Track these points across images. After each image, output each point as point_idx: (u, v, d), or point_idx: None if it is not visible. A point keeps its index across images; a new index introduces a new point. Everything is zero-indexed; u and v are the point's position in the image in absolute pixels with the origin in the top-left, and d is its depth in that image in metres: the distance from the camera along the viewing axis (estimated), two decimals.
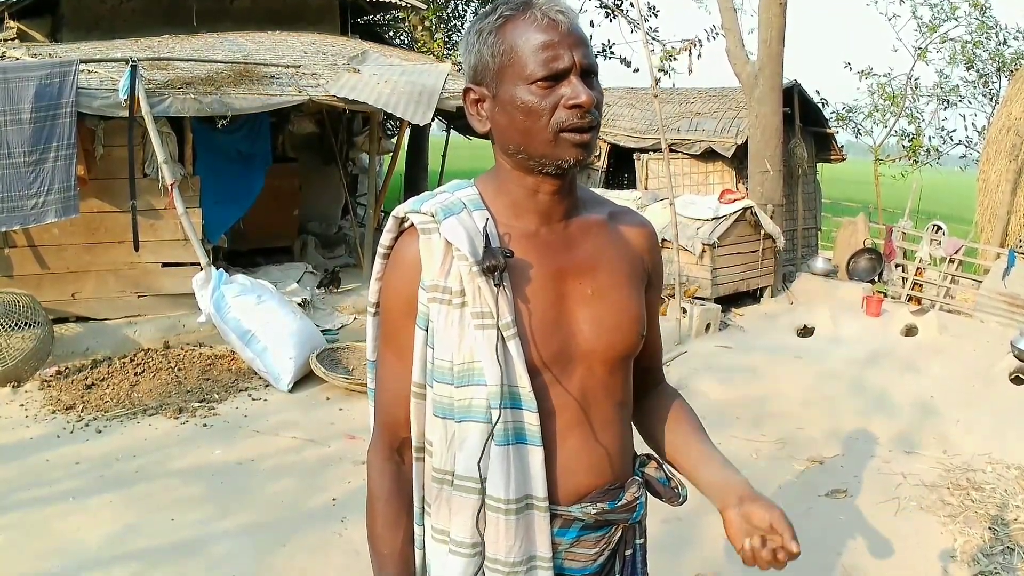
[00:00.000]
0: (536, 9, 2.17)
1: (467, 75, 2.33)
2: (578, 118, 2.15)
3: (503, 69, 2.19)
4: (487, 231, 2.23)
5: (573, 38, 2.16)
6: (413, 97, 12.50)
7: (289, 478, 7.65)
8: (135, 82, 10.34)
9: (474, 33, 2.27)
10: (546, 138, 2.17)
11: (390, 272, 2.36)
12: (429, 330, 2.27)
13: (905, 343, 13.06)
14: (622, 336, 2.37)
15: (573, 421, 2.32)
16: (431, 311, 2.25)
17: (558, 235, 2.35)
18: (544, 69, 2.13)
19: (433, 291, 2.24)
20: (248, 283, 10.48)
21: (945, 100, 26.88)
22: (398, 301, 2.33)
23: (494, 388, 2.18)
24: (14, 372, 9.62)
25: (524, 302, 2.26)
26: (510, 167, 2.31)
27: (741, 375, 10.84)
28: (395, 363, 2.38)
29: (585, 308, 2.33)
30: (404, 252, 2.31)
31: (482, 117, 2.30)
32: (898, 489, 7.90)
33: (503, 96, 2.20)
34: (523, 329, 2.24)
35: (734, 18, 15.81)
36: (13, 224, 10.17)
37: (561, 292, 2.32)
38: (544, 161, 2.21)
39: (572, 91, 2.13)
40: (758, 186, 15.49)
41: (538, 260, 2.30)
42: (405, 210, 2.35)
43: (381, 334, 2.45)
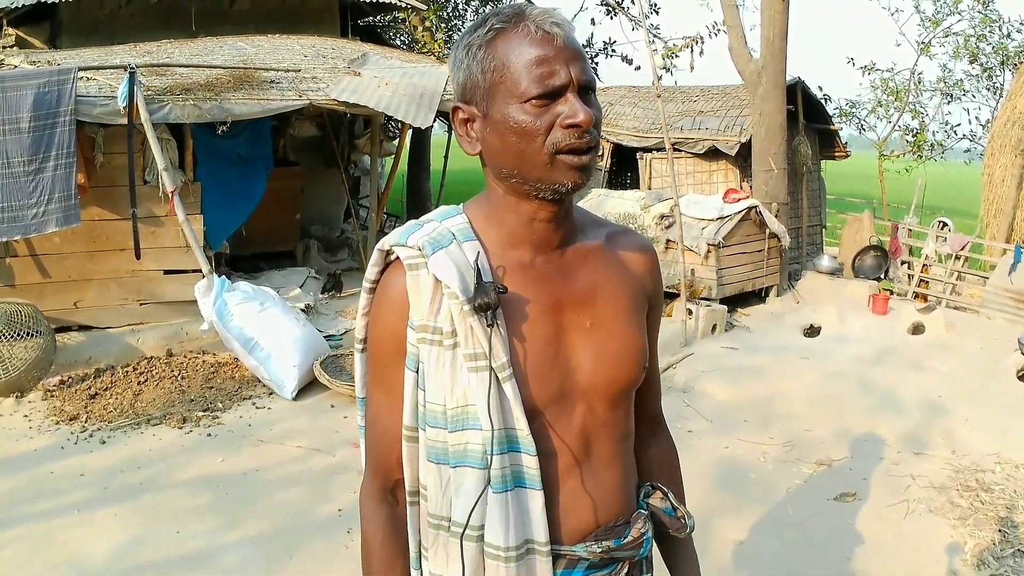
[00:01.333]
0: (529, 21, 2.04)
1: (456, 93, 2.19)
2: (576, 138, 2.01)
3: (494, 86, 2.06)
4: (479, 265, 2.11)
5: (569, 52, 2.03)
6: (414, 99, 12.45)
7: (295, 488, 7.60)
8: (134, 89, 10.29)
9: (463, 48, 2.13)
10: (542, 161, 2.03)
11: (377, 309, 2.24)
12: (420, 372, 2.15)
13: (912, 341, 13.00)
14: (624, 369, 2.26)
15: (574, 461, 2.22)
16: (421, 352, 2.14)
17: (554, 265, 2.23)
18: (539, 86, 2.00)
19: (422, 331, 2.12)
20: (251, 290, 10.44)
21: (949, 94, 26.78)
22: (386, 339, 2.21)
23: (490, 433, 2.06)
24: (17, 382, 9.59)
25: (520, 340, 2.14)
26: (503, 192, 2.18)
27: (748, 376, 10.78)
28: (385, 403, 2.26)
29: (584, 342, 2.22)
30: (390, 289, 2.19)
31: (472, 138, 2.16)
32: (907, 491, 7.84)
33: (495, 115, 2.07)
34: (519, 369, 2.12)
35: (736, 15, 15.74)
36: (14, 234, 10.11)
37: (559, 326, 2.20)
38: (540, 185, 2.08)
39: (569, 109, 2.00)
40: (762, 184, 15.42)
41: (534, 293, 2.18)
42: (390, 243, 2.22)
43: (369, 372, 2.32)
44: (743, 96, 17.07)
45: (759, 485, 7.89)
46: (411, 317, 2.14)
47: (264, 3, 16.08)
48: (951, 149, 27.03)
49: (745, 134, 16.44)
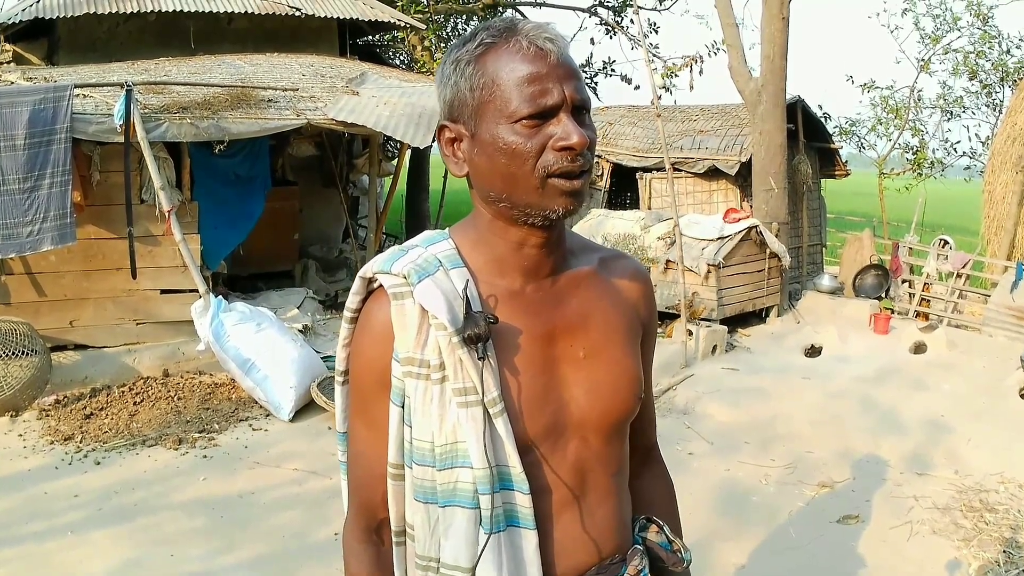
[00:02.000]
0: (521, 36, 1.93)
1: (442, 111, 2.08)
2: (568, 162, 1.92)
3: (483, 105, 1.95)
4: (467, 294, 2.00)
5: (563, 70, 1.93)
6: (413, 119, 12.38)
7: (292, 511, 7.52)
8: (130, 107, 10.25)
9: (450, 63, 2.02)
10: (532, 184, 1.93)
11: (359, 340, 2.12)
12: (405, 407, 2.04)
13: (914, 360, 12.95)
14: (619, 401, 2.15)
15: (568, 497, 2.11)
16: (407, 386, 2.02)
17: (546, 292, 2.13)
18: (530, 105, 1.89)
19: (408, 364, 2.00)
20: (247, 311, 10.38)
21: (948, 112, 26.80)
22: (369, 372, 2.09)
23: (481, 471, 1.96)
24: (12, 401, 9.54)
25: (511, 372, 2.03)
26: (491, 216, 2.07)
27: (749, 397, 10.71)
28: (369, 439, 2.15)
29: (578, 372, 2.11)
30: (373, 319, 2.07)
31: (459, 159, 2.05)
32: (910, 513, 7.76)
33: (483, 136, 1.96)
34: (511, 403, 2.02)
35: (736, 34, 15.70)
36: (9, 252, 10.07)
37: (551, 356, 2.10)
38: (530, 211, 1.98)
39: (562, 131, 1.90)
40: (763, 204, 15.37)
41: (525, 322, 2.07)
42: (373, 270, 2.09)
43: (351, 406, 2.21)
44: (743, 115, 17.07)
45: (761, 508, 7.83)
46: (396, 349, 2.03)
47: (262, 22, 16.04)
48: (951, 166, 27.08)
49: (745, 153, 16.43)
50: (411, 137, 12.19)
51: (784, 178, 15.48)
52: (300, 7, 15.98)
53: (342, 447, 2.31)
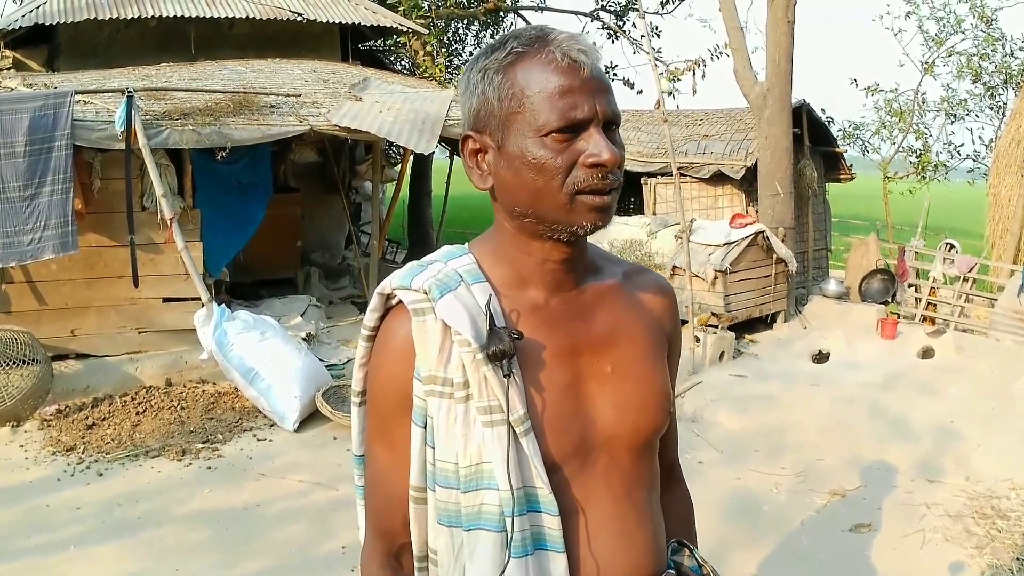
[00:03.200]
0: (554, 47, 1.86)
1: (466, 120, 2.02)
2: (599, 179, 1.86)
3: (511, 116, 1.89)
4: (491, 309, 1.94)
5: (596, 83, 1.87)
6: (416, 125, 12.30)
7: (297, 524, 7.45)
8: (131, 113, 10.17)
9: (478, 71, 1.95)
10: (560, 201, 1.87)
11: (378, 359, 2.03)
12: (428, 427, 1.95)
13: (922, 365, 12.91)
14: (648, 416, 2.07)
15: (599, 519, 2.01)
16: (429, 406, 1.94)
17: (570, 306, 2.06)
18: (561, 119, 1.83)
19: (431, 383, 1.93)
20: (251, 319, 10.31)
21: (952, 114, 26.74)
22: (389, 393, 2.01)
23: (507, 493, 1.88)
24: (13, 411, 9.48)
25: (537, 389, 1.96)
26: (513, 231, 2.01)
27: (757, 404, 10.65)
28: (388, 461, 2.06)
29: (605, 388, 2.04)
30: (393, 337, 2.00)
31: (483, 172, 1.99)
32: (922, 520, 7.71)
33: (510, 148, 1.90)
34: (537, 421, 1.94)
35: (741, 38, 15.63)
36: (9, 261, 10.00)
37: (577, 373, 2.02)
38: (556, 227, 1.92)
39: (593, 147, 1.85)
40: (769, 209, 15.31)
41: (550, 337, 2.00)
42: (392, 286, 2.03)
43: (369, 427, 2.11)
44: (748, 119, 17.00)
45: (772, 517, 7.77)
46: (417, 367, 1.95)
47: (264, 27, 15.97)
48: (954, 169, 27.00)
49: (751, 158, 16.33)
50: (415, 143, 12.11)
51: (790, 183, 15.45)
52: (302, 12, 15.93)
53: (358, 471, 2.23)
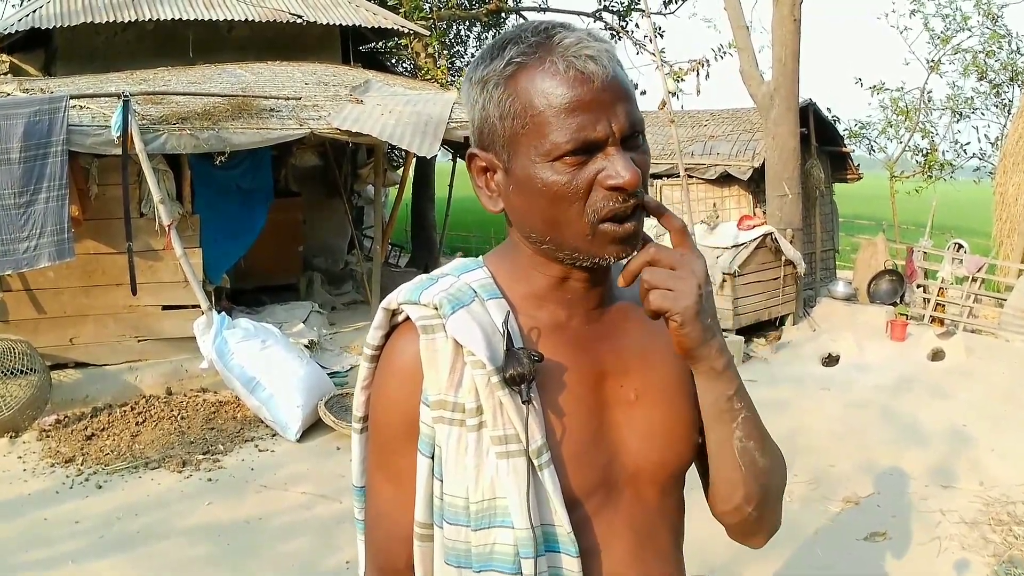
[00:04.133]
0: (557, 56, 1.65)
1: (471, 134, 1.83)
2: (619, 202, 1.66)
3: (516, 137, 1.69)
4: (508, 327, 1.74)
5: (610, 94, 1.65)
6: (419, 128, 12.17)
7: (300, 537, 7.34)
8: (128, 118, 10.04)
9: (476, 83, 1.76)
10: (580, 230, 1.69)
11: (382, 381, 1.83)
12: (436, 458, 1.76)
13: (932, 368, 12.92)
14: (676, 448, 1.89)
15: (622, 558, 1.84)
16: (437, 434, 1.75)
17: (594, 325, 1.88)
18: (572, 140, 1.63)
19: (440, 408, 1.73)
20: (252, 327, 10.22)
21: (958, 113, 26.64)
22: (393, 419, 1.81)
23: (524, 532, 1.69)
24: (11, 422, 9.41)
25: (557, 417, 1.77)
26: (531, 251, 1.82)
27: (767, 410, 10.29)
28: (392, 495, 1.85)
29: (629, 417, 1.85)
30: (399, 356, 1.80)
31: (492, 193, 1.81)
32: (938, 528, 7.61)
33: (518, 172, 1.71)
34: (557, 453, 1.76)
35: (747, 37, 15.58)
36: (5, 269, 9.93)
37: (601, 398, 1.84)
38: (577, 255, 1.73)
39: (611, 168, 1.64)
40: (776, 210, 15.27)
41: (572, 360, 1.81)
42: (398, 301, 1.83)
43: (371, 456, 1.90)
44: (754, 119, 16.97)
45: (785, 526, 7.44)
46: (425, 391, 1.75)
47: (263, 30, 15.87)
48: (961, 168, 26.91)
49: (758, 158, 16.30)
50: (417, 146, 11.98)
51: (798, 183, 15.41)
52: (302, 15, 15.81)
53: (359, 503, 2.02)
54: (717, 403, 1.78)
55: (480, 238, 26.90)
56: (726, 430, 1.80)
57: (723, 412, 1.79)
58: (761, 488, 1.88)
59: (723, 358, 1.74)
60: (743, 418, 1.80)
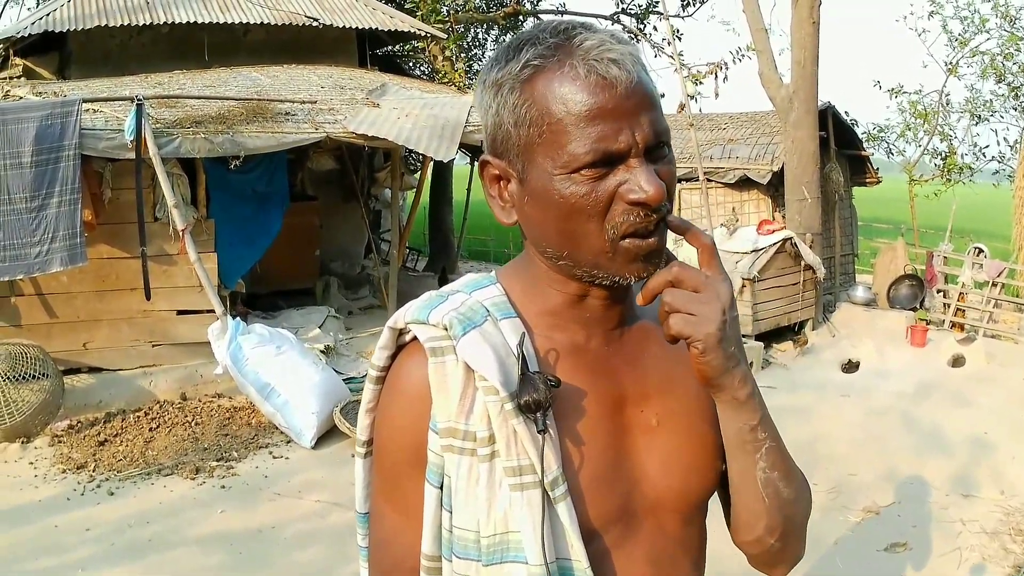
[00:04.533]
0: (577, 59, 1.53)
1: (484, 140, 1.72)
2: (641, 217, 1.54)
3: (532, 146, 1.58)
4: (523, 350, 1.62)
5: (634, 102, 1.53)
6: (436, 131, 12.08)
7: (314, 547, 7.27)
8: (141, 122, 9.99)
9: (491, 86, 1.65)
10: (599, 247, 1.58)
11: (387, 406, 1.72)
12: (445, 488, 1.64)
13: (953, 374, 12.88)
14: (699, 476, 1.78)
15: None
16: (447, 463, 1.63)
17: (614, 347, 1.76)
18: (591, 152, 1.51)
19: (449, 436, 1.62)
20: (267, 333, 10.15)
21: (977, 115, 26.51)
22: (400, 446, 1.69)
23: (538, 569, 1.57)
24: (23, 427, 9.35)
25: (575, 445, 1.66)
26: (547, 267, 1.70)
27: (787, 417, 10.39)
28: (398, 525, 1.73)
29: (650, 444, 1.74)
30: (406, 380, 1.68)
31: (506, 204, 1.70)
32: (959, 538, 7.57)
33: (534, 183, 1.60)
34: (574, 483, 1.64)
35: (766, 39, 15.53)
36: (16, 273, 9.89)
37: (621, 425, 1.72)
38: (596, 273, 1.61)
39: (633, 181, 1.53)
40: (796, 214, 15.22)
41: (591, 384, 1.69)
42: (405, 319, 1.71)
43: (376, 484, 1.78)
44: (773, 123, 16.90)
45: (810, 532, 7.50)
46: (434, 417, 1.63)
47: (279, 33, 15.80)
48: (979, 171, 26.79)
49: (777, 162, 16.26)
50: (434, 150, 11.87)
51: (817, 187, 15.33)
52: (318, 18, 15.74)
53: (362, 530, 1.89)
54: (740, 433, 1.67)
55: (498, 242, 26.85)
56: (749, 460, 1.69)
57: (746, 443, 1.68)
58: (784, 519, 1.75)
59: (746, 387, 1.63)
60: (767, 448, 1.68)
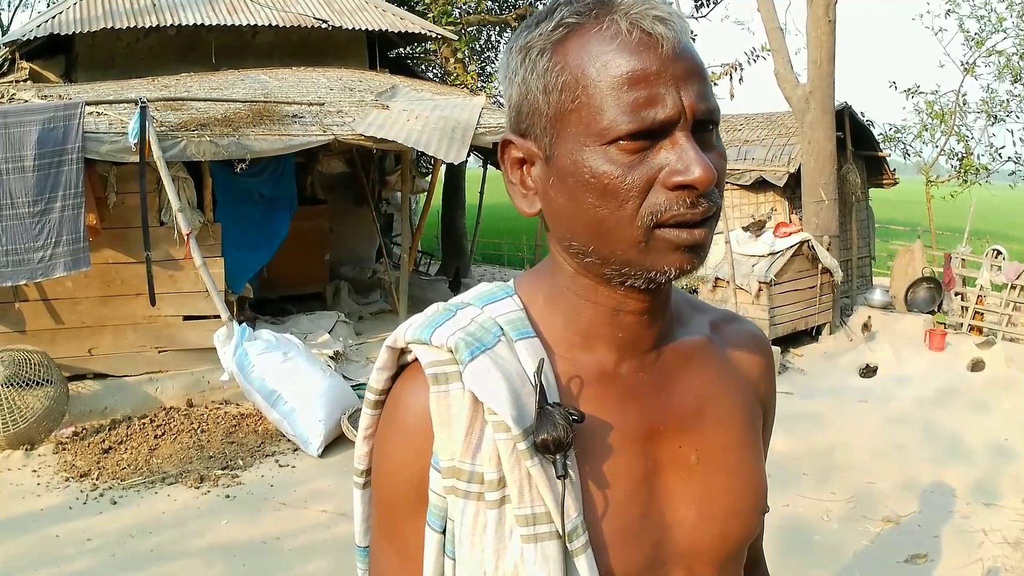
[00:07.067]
0: (619, 14, 1.31)
1: (507, 116, 1.47)
2: (686, 206, 1.30)
3: (564, 115, 1.33)
4: (540, 379, 1.36)
5: (682, 66, 1.30)
6: (446, 133, 11.95)
7: (319, 559, 7.10)
8: (145, 125, 9.87)
9: (518, 51, 1.41)
10: (633, 236, 1.32)
11: (385, 437, 1.49)
12: (448, 532, 1.41)
13: (972, 379, 12.73)
14: (740, 520, 1.53)
15: None
16: (450, 506, 1.39)
17: (648, 373, 1.49)
18: (632, 119, 1.27)
19: (453, 476, 1.38)
20: (273, 339, 10.04)
21: (993, 116, 26.37)
22: (398, 483, 1.46)
23: None
24: (27, 434, 9.28)
25: (599, 487, 1.41)
26: (573, 270, 1.45)
27: (805, 424, 10.36)
28: (397, 567, 1.50)
29: (687, 484, 1.49)
30: (404, 410, 1.44)
31: (528, 191, 1.45)
32: (980, 549, 7.39)
33: (562, 161, 1.34)
34: (597, 532, 1.39)
35: (781, 38, 15.38)
36: (20, 279, 9.81)
37: (653, 462, 1.47)
38: (627, 270, 1.36)
39: (679, 159, 1.28)
40: (813, 216, 15.09)
41: (620, 416, 1.44)
42: (407, 338, 1.47)
43: (375, 519, 1.55)
44: (789, 123, 16.80)
45: (824, 547, 7.46)
46: (436, 454, 1.40)
47: (288, 35, 15.68)
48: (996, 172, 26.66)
49: (794, 163, 16.16)
50: (444, 153, 11.73)
51: (834, 189, 15.23)
52: (327, 19, 15.62)
53: (362, 564, 1.67)
54: None
55: (512, 245, 26.70)
56: None
57: None
58: None
59: None
60: None
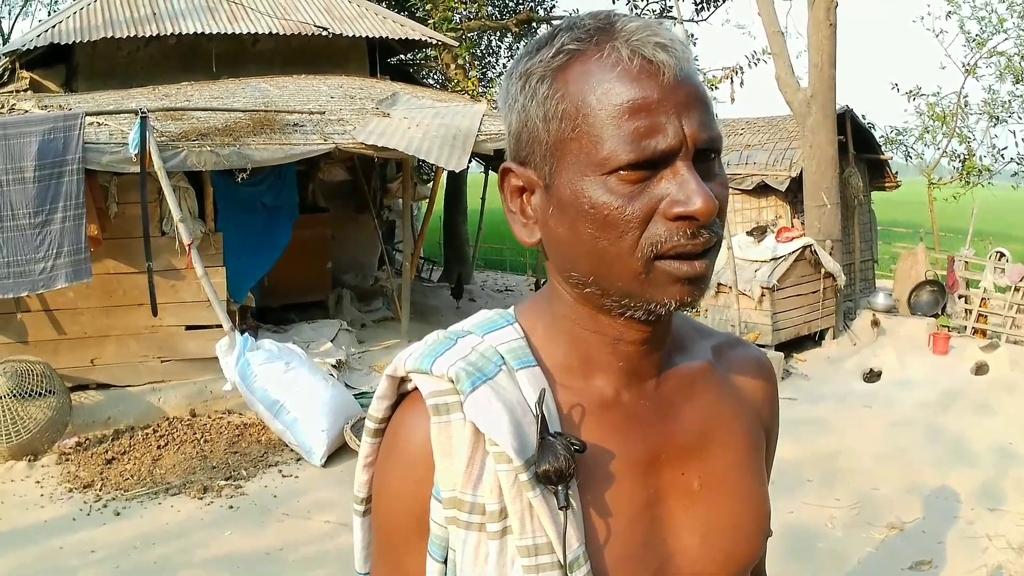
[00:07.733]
0: (620, 42, 1.30)
1: (507, 144, 1.47)
2: (687, 237, 1.29)
3: (563, 144, 1.33)
4: (542, 409, 1.35)
5: (683, 93, 1.30)
6: (447, 141, 11.94)
7: (323, 570, 7.10)
8: (146, 135, 9.87)
9: (517, 77, 1.40)
10: (633, 268, 1.31)
11: (385, 467, 1.47)
12: (449, 563, 1.39)
13: (977, 382, 12.73)
14: (744, 546, 1.51)
15: None
16: (451, 537, 1.38)
17: (650, 400, 1.48)
18: (633, 149, 1.27)
19: (454, 507, 1.36)
20: (275, 349, 10.05)
21: (995, 117, 26.35)
22: (398, 513, 1.45)
23: None
24: (30, 445, 9.29)
25: (601, 516, 1.39)
26: (573, 299, 1.44)
27: (809, 429, 10.33)
28: None
29: (690, 510, 1.47)
30: (405, 440, 1.43)
31: (528, 220, 1.44)
32: (985, 555, 7.38)
33: (562, 190, 1.34)
34: (599, 562, 1.37)
35: (782, 42, 15.35)
36: (21, 290, 9.82)
37: (655, 491, 1.45)
38: (628, 301, 1.35)
39: (679, 190, 1.28)
40: (815, 221, 15.07)
41: (620, 445, 1.43)
42: (407, 368, 1.44)
43: (375, 547, 1.54)
44: (791, 127, 16.78)
45: (828, 554, 7.45)
46: (437, 484, 1.39)
47: (288, 43, 15.68)
48: (998, 173, 26.64)
49: (795, 168, 16.12)
50: (445, 160, 11.73)
51: (836, 193, 15.21)
52: (327, 27, 15.61)
53: None
54: None
55: (514, 251, 26.71)
56: None
57: None
58: None
59: None
60: None
